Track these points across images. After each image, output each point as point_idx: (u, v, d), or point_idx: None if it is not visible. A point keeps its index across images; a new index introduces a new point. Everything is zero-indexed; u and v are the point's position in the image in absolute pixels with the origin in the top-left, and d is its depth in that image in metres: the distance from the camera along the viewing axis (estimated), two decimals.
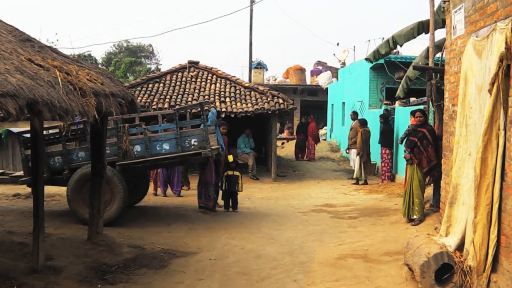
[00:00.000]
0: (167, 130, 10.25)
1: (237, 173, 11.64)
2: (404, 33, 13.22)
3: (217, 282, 6.59)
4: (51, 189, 11.90)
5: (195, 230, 9.53)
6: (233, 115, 16.27)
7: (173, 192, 13.42)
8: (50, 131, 10.40)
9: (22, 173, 10.57)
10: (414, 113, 10.20)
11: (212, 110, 11.72)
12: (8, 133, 15.50)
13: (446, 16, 8.05)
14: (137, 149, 9.89)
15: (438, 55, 11.04)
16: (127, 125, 9.88)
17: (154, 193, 13.43)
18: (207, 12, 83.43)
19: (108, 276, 6.62)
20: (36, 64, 5.63)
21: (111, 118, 9.00)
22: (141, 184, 11.49)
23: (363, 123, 15.89)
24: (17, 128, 14.56)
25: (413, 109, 11.68)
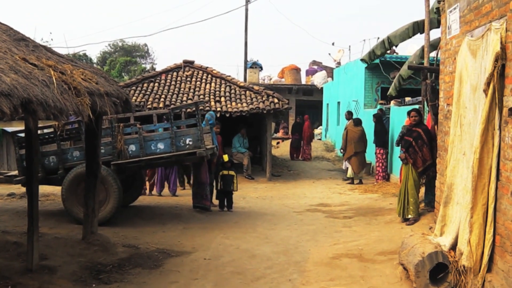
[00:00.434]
0: (167, 129, 10.25)
1: (232, 172, 11.63)
2: (399, 33, 13.28)
3: (211, 281, 6.59)
4: (45, 189, 11.87)
5: (190, 230, 9.53)
6: (228, 114, 16.24)
7: (169, 190, 13.39)
8: (45, 131, 10.38)
9: (16, 172, 10.54)
10: (410, 113, 10.19)
11: (210, 112, 11.72)
12: (3, 132, 15.46)
13: (441, 16, 8.06)
14: (131, 148, 9.88)
15: (433, 54, 11.06)
16: (121, 124, 9.88)
17: (147, 192, 13.31)
18: (202, 11, 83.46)
19: (102, 275, 6.61)
20: (31, 64, 5.61)
21: (105, 117, 8.98)
22: (136, 184, 11.47)
23: (356, 122, 15.88)
24: (11, 127, 14.52)
25: (409, 109, 11.68)
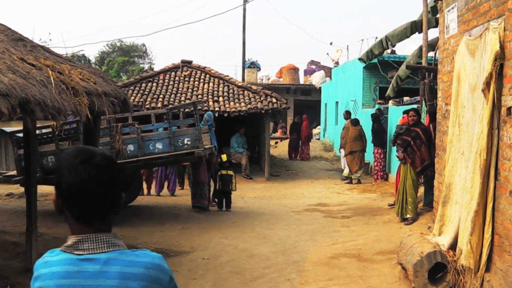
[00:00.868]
0: (165, 129, 10.25)
1: (230, 172, 11.63)
2: (397, 33, 13.26)
3: (210, 281, 6.59)
4: (44, 189, 11.83)
5: (188, 230, 9.52)
6: (226, 114, 16.24)
7: (168, 190, 13.38)
8: (43, 131, 10.36)
9: (15, 172, 10.53)
10: (407, 113, 10.20)
11: (208, 112, 11.73)
12: (1, 132, 15.44)
13: (439, 16, 8.07)
14: (130, 148, 9.88)
15: (431, 54, 11.06)
16: (120, 124, 9.87)
17: (146, 192, 13.31)
18: (200, 11, 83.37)
19: None
20: (29, 64, 5.61)
21: (104, 117, 8.97)
22: (135, 184, 11.45)
23: (354, 122, 15.91)
24: (10, 127, 14.50)
25: (406, 108, 11.69)
